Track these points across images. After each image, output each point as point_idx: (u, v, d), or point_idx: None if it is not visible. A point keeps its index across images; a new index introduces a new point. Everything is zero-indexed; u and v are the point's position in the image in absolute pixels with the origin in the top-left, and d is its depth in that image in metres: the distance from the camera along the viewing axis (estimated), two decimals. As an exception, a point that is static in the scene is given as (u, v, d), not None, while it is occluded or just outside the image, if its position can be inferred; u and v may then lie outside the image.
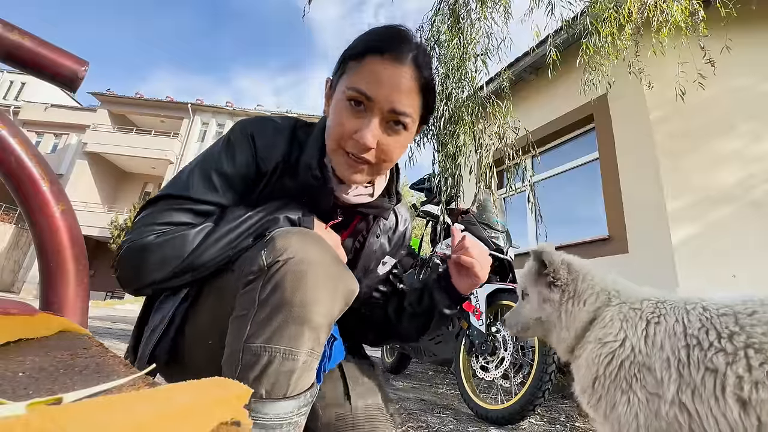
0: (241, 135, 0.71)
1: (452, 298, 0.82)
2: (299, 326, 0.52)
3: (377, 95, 0.63)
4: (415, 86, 0.65)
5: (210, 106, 22.28)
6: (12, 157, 0.45)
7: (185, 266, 0.61)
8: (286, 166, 0.71)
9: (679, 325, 0.71)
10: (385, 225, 0.85)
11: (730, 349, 0.64)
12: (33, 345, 0.38)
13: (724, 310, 0.69)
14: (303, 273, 0.53)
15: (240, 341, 0.53)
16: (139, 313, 0.75)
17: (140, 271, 0.61)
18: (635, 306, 0.80)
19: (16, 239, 18.10)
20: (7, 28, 0.44)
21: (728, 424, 0.62)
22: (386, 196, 0.80)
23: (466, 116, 3.06)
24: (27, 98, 23.28)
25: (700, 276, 3.06)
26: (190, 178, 0.67)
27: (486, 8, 3.22)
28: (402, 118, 0.65)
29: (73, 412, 0.17)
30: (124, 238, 0.63)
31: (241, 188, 0.69)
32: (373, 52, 0.64)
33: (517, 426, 1.90)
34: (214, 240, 0.62)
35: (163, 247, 0.60)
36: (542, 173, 4.70)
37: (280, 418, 0.51)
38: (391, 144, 0.67)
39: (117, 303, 12.77)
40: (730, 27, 3.09)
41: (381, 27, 0.70)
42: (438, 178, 2.98)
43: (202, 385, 0.27)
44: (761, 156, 3.48)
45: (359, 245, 0.81)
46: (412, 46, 0.66)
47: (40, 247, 0.48)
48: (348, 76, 0.65)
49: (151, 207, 0.65)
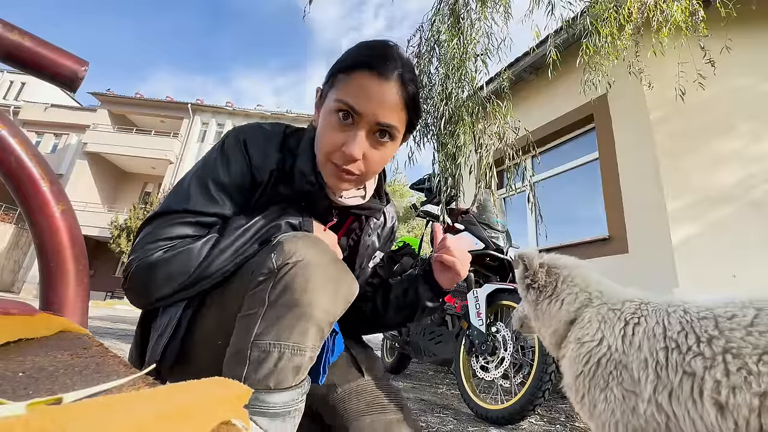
0: (234, 144, 0.74)
1: (435, 291, 0.88)
2: (306, 324, 0.57)
3: (365, 110, 0.67)
4: (400, 101, 0.69)
5: (210, 106, 22.28)
6: (12, 157, 0.45)
7: (194, 279, 0.64)
8: (280, 174, 0.75)
9: (658, 327, 0.72)
10: (376, 224, 0.91)
11: (709, 354, 0.65)
12: (33, 345, 0.38)
13: (704, 313, 0.70)
14: (310, 275, 0.58)
15: (248, 338, 0.56)
16: (141, 315, 0.76)
17: (149, 288, 0.63)
18: (615, 307, 0.81)
19: (16, 239, 18.10)
20: (7, 28, 0.44)
21: (705, 426, 0.63)
22: (377, 197, 0.86)
23: (466, 116, 3.06)
24: (27, 98, 23.27)
25: (700, 276, 3.06)
26: (189, 191, 0.69)
27: (486, 8, 3.22)
28: (388, 129, 0.70)
29: (73, 412, 0.17)
30: (130, 257, 0.65)
31: (238, 197, 0.72)
32: (361, 68, 0.68)
33: (517, 426, 1.90)
34: (220, 250, 0.65)
35: (170, 262, 0.63)
36: (542, 173, 4.70)
37: (288, 405, 0.57)
38: (377, 156, 0.72)
39: (117, 303, 12.77)
40: (730, 27, 3.09)
41: (370, 42, 0.74)
42: (438, 178, 2.98)
43: (203, 385, 0.27)
44: (761, 156, 3.48)
45: (353, 243, 0.87)
46: (398, 63, 0.70)
47: (40, 247, 0.48)
48: (337, 89, 0.69)
49: (153, 223, 0.67)
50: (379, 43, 0.73)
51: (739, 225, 3.28)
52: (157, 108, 21.99)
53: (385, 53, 0.70)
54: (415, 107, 0.73)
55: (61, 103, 22.88)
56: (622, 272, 3.44)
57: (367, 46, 0.73)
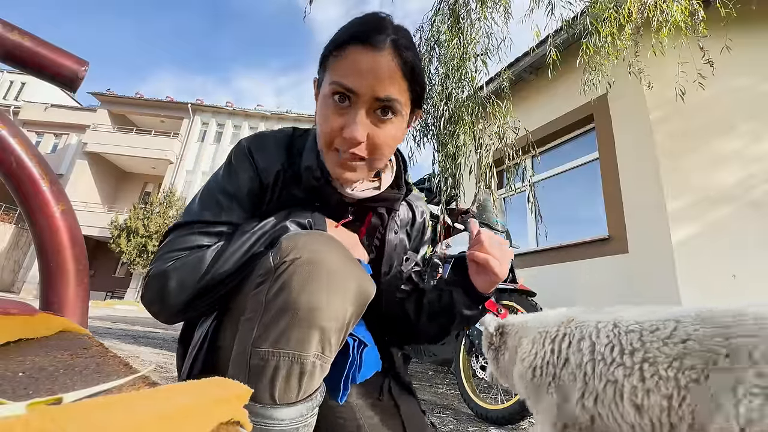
0: (240, 153, 0.72)
1: (472, 297, 0.77)
2: (306, 329, 0.50)
3: (359, 86, 0.62)
4: (397, 69, 0.63)
5: (210, 106, 22.28)
6: (12, 157, 0.45)
7: (204, 284, 0.62)
8: (288, 174, 0.72)
9: (585, 342, 0.85)
10: (402, 220, 0.83)
11: (629, 364, 0.76)
12: (33, 345, 0.38)
13: (633, 327, 0.79)
14: (309, 273, 0.52)
15: (248, 344, 0.52)
16: (181, 329, 0.77)
17: (162, 297, 0.62)
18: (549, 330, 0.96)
19: (16, 239, 18.10)
20: (7, 28, 0.44)
21: (626, 423, 0.75)
22: (395, 188, 0.78)
23: (466, 116, 3.06)
24: (27, 98, 23.26)
25: (700, 276, 3.06)
26: (201, 203, 0.69)
27: (486, 8, 3.22)
28: (389, 104, 0.64)
29: (73, 412, 0.17)
30: (147, 269, 0.66)
31: (248, 204, 0.70)
32: (350, 43, 0.63)
33: (517, 426, 1.90)
34: (229, 254, 0.62)
35: (180, 270, 0.62)
36: (542, 173, 4.70)
37: (296, 422, 0.51)
38: (382, 134, 0.65)
39: (117, 303, 12.77)
40: (730, 27, 3.09)
41: (358, 17, 0.68)
42: (438, 178, 2.98)
43: (202, 385, 0.27)
44: (761, 156, 3.48)
45: (378, 242, 0.79)
46: (390, 30, 0.64)
47: (40, 247, 0.48)
48: (330, 72, 0.65)
49: (169, 236, 0.67)
50: (368, 15, 0.67)
51: (738, 225, 3.28)
52: (157, 108, 21.98)
53: (375, 23, 0.64)
54: (415, 77, 0.66)
55: (61, 103, 22.87)
56: (622, 272, 3.44)
57: (355, 21, 0.67)
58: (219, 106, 22.32)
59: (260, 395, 0.50)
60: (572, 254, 3.93)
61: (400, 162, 0.80)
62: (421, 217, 0.88)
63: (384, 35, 0.63)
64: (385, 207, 0.77)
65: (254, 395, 0.49)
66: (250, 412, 0.49)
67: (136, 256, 16.88)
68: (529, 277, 4.04)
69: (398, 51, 0.64)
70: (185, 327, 0.76)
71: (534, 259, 4.33)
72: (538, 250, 4.36)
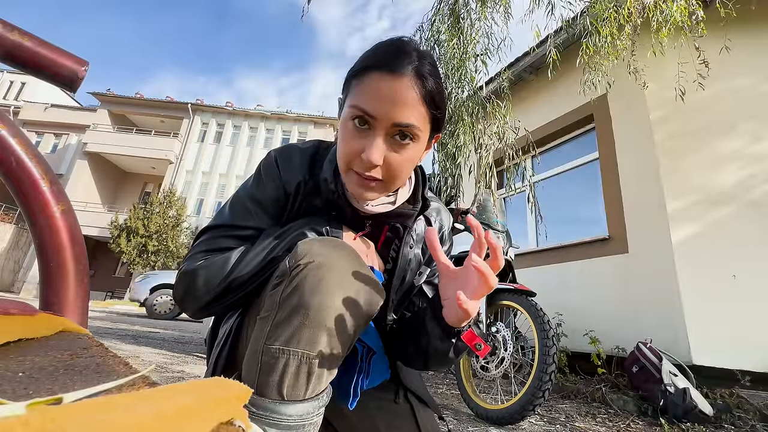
0: (268, 164, 0.76)
1: (441, 326, 0.65)
2: (316, 329, 0.53)
3: (378, 112, 0.63)
4: (417, 96, 0.64)
5: (210, 106, 22.28)
6: (12, 157, 0.45)
7: (228, 284, 0.66)
8: (309, 185, 0.75)
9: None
10: (419, 234, 0.82)
11: None
12: (33, 345, 0.38)
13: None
14: (321, 276, 0.54)
15: (261, 342, 0.55)
16: (210, 328, 0.82)
17: (189, 293, 0.67)
18: None
19: (16, 239, 18.10)
20: (7, 28, 0.44)
21: None
22: (412, 203, 0.78)
23: (466, 116, 3.07)
24: (27, 98, 23.27)
25: (700, 276, 3.06)
26: (230, 209, 0.74)
27: (486, 8, 3.22)
28: (407, 130, 0.64)
29: (73, 412, 0.17)
30: (179, 268, 0.71)
31: (274, 211, 0.74)
32: (372, 69, 0.64)
33: (517, 426, 1.90)
34: (251, 257, 0.67)
35: (207, 269, 0.67)
36: (542, 173, 4.70)
37: (303, 419, 0.54)
38: (399, 159, 0.66)
39: (117, 303, 12.78)
40: (730, 27, 3.09)
41: (382, 42, 0.69)
42: (438, 178, 2.98)
43: (202, 385, 0.27)
44: (761, 156, 3.48)
45: (395, 254, 0.79)
46: (413, 57, 0.65)
47: (40, 247, 0.48)
48: (351, 96, 0.67)
49: (201, 238, 0.73)
50: (392, 39, 0.69)
51: (738, 225, 3.28)
52: (157, 108, 21.99)
53: (398, 49, 0.65)
54: (436, 103, 0.67)
55: (61, 103, 22.87)
56: (622, 272, 3.44)
57: (378, 46, 0.68)
58: (219, 106, 22.32)
59: (270, 391, 0.53)
60: (572, 254, 3.93)
61: (419, 177, 0.81)
62: (440, 231, 0.87)
63: (406, 61, 0.64)
64: (395, 222, 0.78)
65: (264, 391, 0.53)
66: (260, 406, 0.52)
67: (136, 256, 16.88)
68: (529, 277, 4.04)
69: (419, 77, 0.64)
70: (214, 323, 0.81)
71: (534, 259, 4.33)
72: (538, 250, 4.36)
